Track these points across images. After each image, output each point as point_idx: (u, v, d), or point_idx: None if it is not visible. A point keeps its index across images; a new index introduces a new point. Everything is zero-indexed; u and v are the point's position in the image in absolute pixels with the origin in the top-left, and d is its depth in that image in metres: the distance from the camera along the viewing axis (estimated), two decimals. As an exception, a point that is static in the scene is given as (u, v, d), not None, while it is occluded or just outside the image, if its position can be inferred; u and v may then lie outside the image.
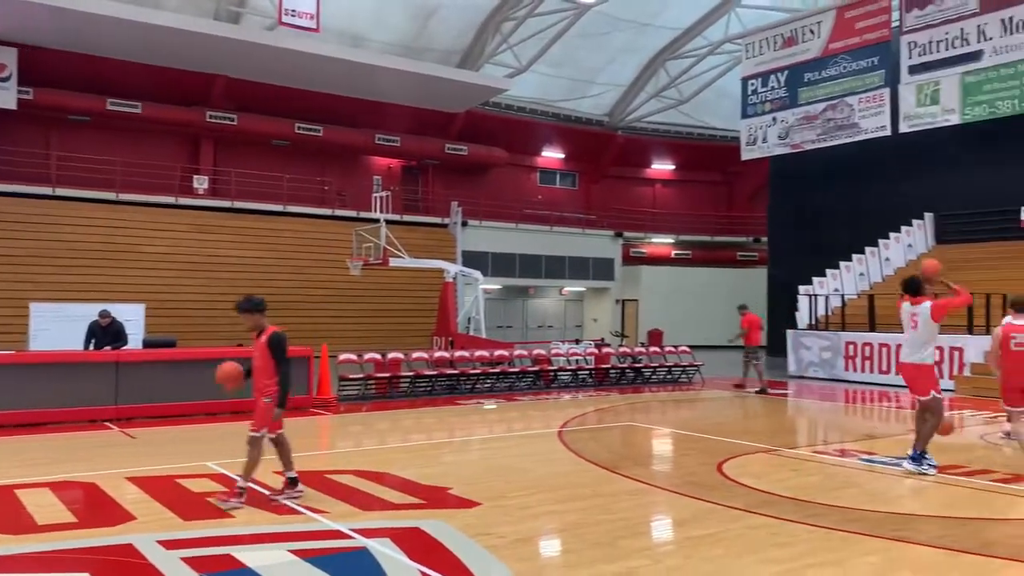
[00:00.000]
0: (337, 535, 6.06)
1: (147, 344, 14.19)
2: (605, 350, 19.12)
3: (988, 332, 17.87)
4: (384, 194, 23.01)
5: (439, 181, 33.34)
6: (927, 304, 8.31)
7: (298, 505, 6.85)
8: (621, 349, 19.73)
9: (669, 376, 18.80)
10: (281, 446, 7.24)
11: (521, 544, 5.84)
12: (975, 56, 21.92)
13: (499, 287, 32.59)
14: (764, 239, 32.80)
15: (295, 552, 5.64)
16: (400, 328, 26.17)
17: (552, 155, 36.82)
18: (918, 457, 8.40)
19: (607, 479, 8.11)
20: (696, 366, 18.98)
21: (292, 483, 7.18)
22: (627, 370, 18.48)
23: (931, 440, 8.52)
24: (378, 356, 15.63)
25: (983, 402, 15.20)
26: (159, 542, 5.81)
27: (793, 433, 13.25)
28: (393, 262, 21.28)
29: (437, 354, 17.09)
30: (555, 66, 32.26)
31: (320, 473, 8.22)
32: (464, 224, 30.28)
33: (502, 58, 30.90)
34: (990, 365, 9.58)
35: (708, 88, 33.94)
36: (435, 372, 16.01)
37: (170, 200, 25.77)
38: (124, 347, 13.26)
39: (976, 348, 17.60)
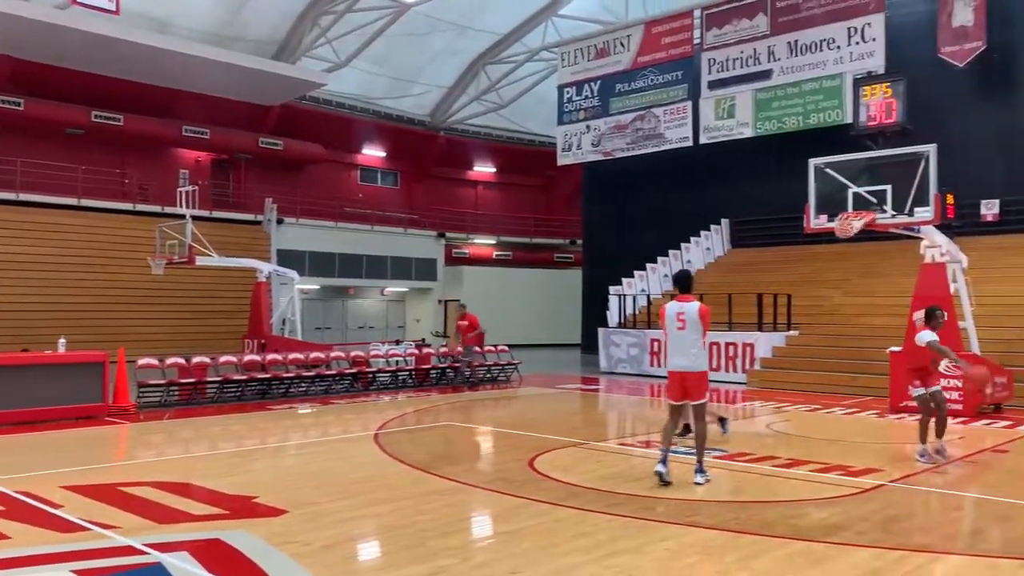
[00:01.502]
0: (129, 551, 5.66)
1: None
2: (426, 351, 19.12)
3: (775, 329, 19.53)
4: (191, 188, 21.82)
5: (252, 176, 32.05)
6: (695, 304, 7.80)
7: (86, 521, 6.34)
8: (442, 349, 19.80)
9: (489, 375, 19.07)
10: None
11: (328, 550, 5.71)
12: (766, 75, 23.87)
13: (317, 287, 31.80)
14: (580, 241, 34.05)
15: (79, 572, 5.21)
16: (208, 331, 24.86)
17: (373, 153, 36.39)
18: (701, 469, 7.95)
19: (421, 480, 8.10)
20: (514, 364, 19.38)
21: None
22: (447, 370, 18.57)
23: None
24: (182, 360, 14.78)
25: (772, 393, 16.51)
26: (-86, 572, 5.19)
27: (602, 427, 13.82)
28: (200, 261, 20.25)
29: (248, 357, 16.40)
30: (376, 63, 31.90)
31: (114, 486, 7.66)
32: (279, 222, 29.32)
33: (321, 52, 30.19)
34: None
35: (527, 94, 34.78)
36: (245, 377, 15.35)
37: (-58, 191, 23.20)
38: None
39: (767, 344, 19.14)
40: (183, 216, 20.55)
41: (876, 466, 8.86)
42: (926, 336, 9.15)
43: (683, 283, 8.13)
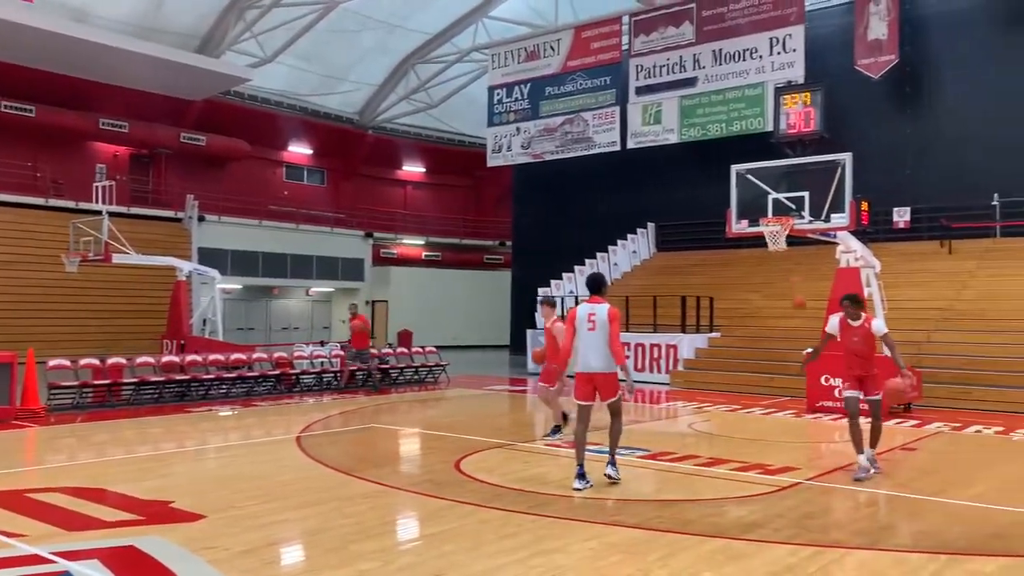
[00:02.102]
0: (35, 560, 5.42)
1: None
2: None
3: (698, 331, 19.95)
4: (108, 184, 21.05)
5: (173, 172, 31.16)
6: (605, 306, 7.81)
7: (-13, 531, 6.05)
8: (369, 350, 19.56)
9: (416, 376, 18.94)
10: None
11: (246, 555, 5.58)
12: (691, 82, 24.34)
13: (240, 287, 31.10)
14: (509, 242, 34.15)
15: (-21, 585, 4.97)
16: (125, 331, 24.05)
17: (300, 150, 35.79)
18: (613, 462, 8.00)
19: (344, 483, 7.99)
20: (442, 366, 19.29)
21: None
22: (374, 371, 18.35)
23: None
24: (96, 361, 14.25)
25: (694, 394, 16.84)
26: None
27: (529, 428, 13.86)
28: (116, 258, 19.59)
29: (166, 358, 15.92)
30: (304, 59, 31.38)
31: (20, 492, 7.34)
32: (201, 219, 28.58)
33: (246, 47, 29.53)
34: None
35: (457, 94, 34.70)
36: (163, 378, 14.90)
37: None
38: None
39: (690, 345, 19.52)
40: (99, 212, 19.82)
41: (793, 464, 9.12)
42: (883, 326, 8.71)
43: (594, 286, 8.07)
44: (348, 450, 10.21)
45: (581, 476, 7.64)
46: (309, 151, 35.98)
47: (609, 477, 7.83)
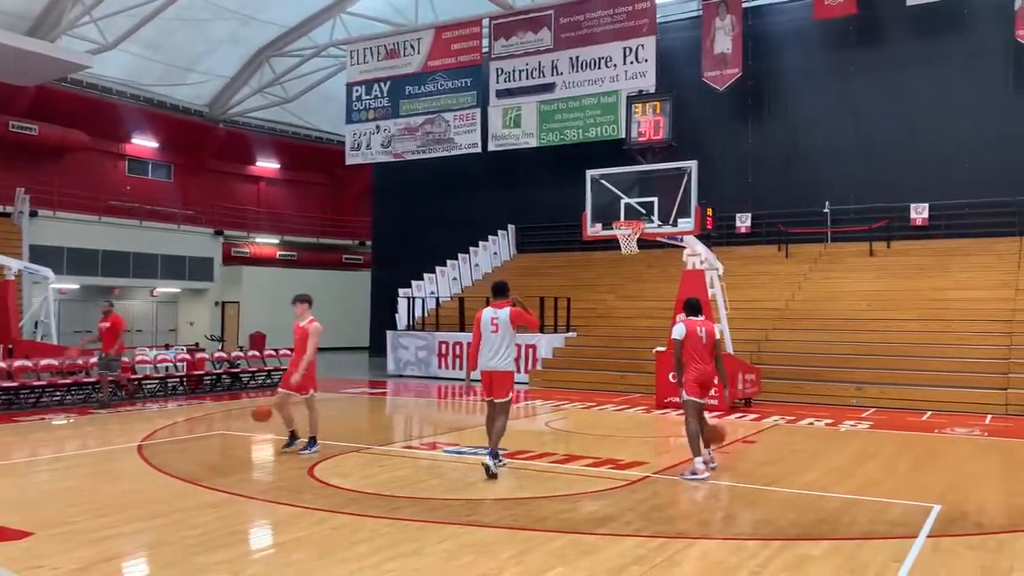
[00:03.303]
0: None
1: None
2: (199, 356, 18.04)
3: (556, 331, 20.37)
4: (-77, 174, 19.20)
5: (1, 163, 28.78)
6: (507, 309, 8.38)
7: None
8: (217, 354, 18.78)
9: (269, 381, 18.32)
10: None
11: (80, 573, 5.22)
12: (549, 87, 24.83)
13: (77, 287, 29.09)
14: (369, 242, 33.67)
15: None
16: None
17: (144, 143, 33.87)
18: (495, 454, 8.39)
19: (190, 493, 7.62)
20: (297, 369, 18.73)
21: None
22: (224, 376, 17.65)
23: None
24: (-92, 368, 12.97)
25: (551, 392, 17.18)
26: None
27: (388, 430, 13.74)
28: (-66, 256, 17.86)
29: (-9, 364, 14.67)
30: (149, 48, 29.72)
31: None
32: (33, 214, 26.57)
33: (85, 31, 27.61)
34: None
35: (314, 90, 33.87)
36: (-12, 385, 13.73)
37: None
38: None
39: (548, 345, 19.91)
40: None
41: (642, 459, 9.47)
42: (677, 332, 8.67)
43: (498, 291, 8.65)
44: (195, 458, 9.75)
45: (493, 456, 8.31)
46: (155, 144, 34.12)
47: (487, 468, 8.19)
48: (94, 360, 15.04)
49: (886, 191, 21.41)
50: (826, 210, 22.07)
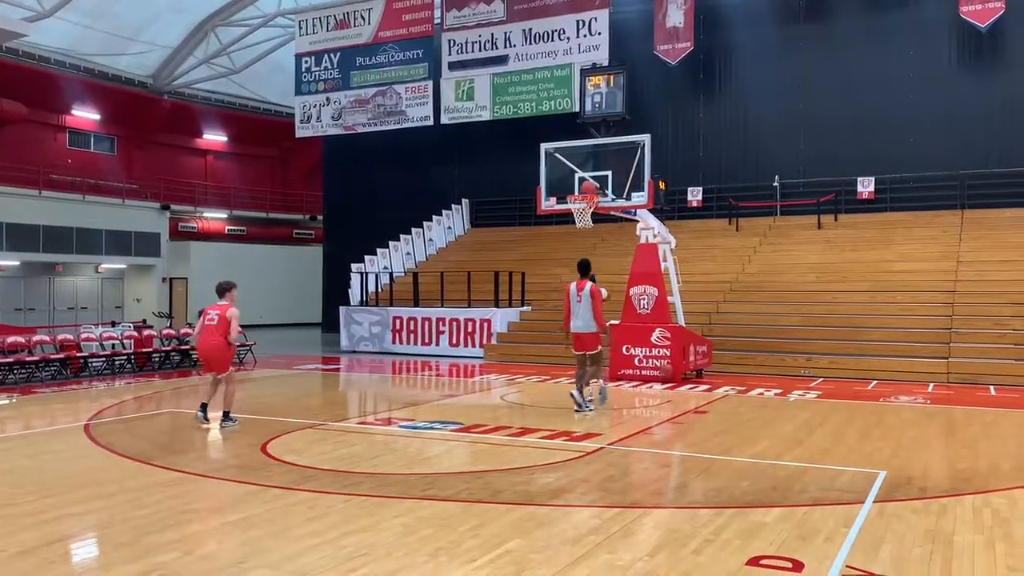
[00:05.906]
0: None
1: None
2: (147, 333, 17.66)
3: (511, 305, 20.39)
4: None
5: (-67, 135, 27.70)
6: (589, 285, 10.85)
7: None
8: (165, 331, 18.41)
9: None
10: None
11: (25, 556, 5.09)
12: (502, 60, 24.64)
13: (17, 264, 28.23)
14: (320, 217, 33.22)
15: None
16: None
17: (85, 115, 32.81)
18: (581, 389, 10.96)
19: (140, 472, 7.48)
20: (247, 346, 18.51)
21: None
22: (172, 353, 17.32)
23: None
24: None
25: (507, 367, 17.22)
26: None
27: (342, 406, 13.63)
28: None
29: (-73, 343, 14.18)
30: (88, 16, 28.73)
31: None
32: (-31, 189, 25.64)
33: (19, -2, 26.57)
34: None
35: (262, 61, 33.12)
36: (-76, 365, 13.26)
37: None
38: None
39: (503, 319, 19.92)
40: None
41: (596, 431, 9.55)
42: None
43: (583, 269, 11.11)
44: (144, 437, 9.56)
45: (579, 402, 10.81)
46: (96, 116, 33.07)
47: (572, 397, 10.87)
48: (37, 339, 14.61)
49: (833, 165, 21.79)
50: (775, 184, 22.38)
